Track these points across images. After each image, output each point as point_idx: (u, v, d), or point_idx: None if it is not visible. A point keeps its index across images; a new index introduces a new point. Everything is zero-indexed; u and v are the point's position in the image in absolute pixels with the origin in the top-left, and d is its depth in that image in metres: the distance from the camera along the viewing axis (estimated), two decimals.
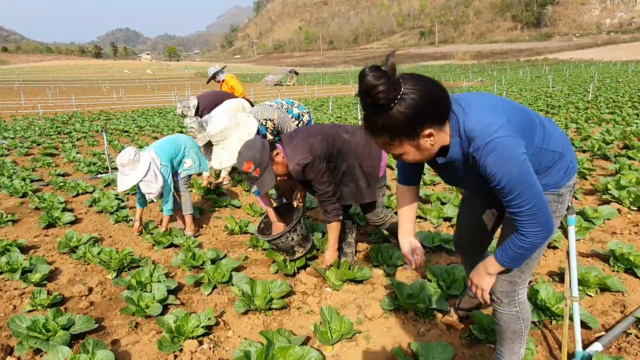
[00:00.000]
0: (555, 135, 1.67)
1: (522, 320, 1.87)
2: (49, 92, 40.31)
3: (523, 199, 1.47)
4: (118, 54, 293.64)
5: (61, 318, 2.64)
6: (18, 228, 4.79)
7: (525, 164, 1.46)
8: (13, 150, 10.52)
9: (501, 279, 1.79)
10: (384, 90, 1.33)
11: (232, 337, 2.57)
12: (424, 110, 1.39)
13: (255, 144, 2.80)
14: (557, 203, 1.72)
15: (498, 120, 1.46)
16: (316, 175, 2.83)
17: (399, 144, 1.48)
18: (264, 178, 2.81)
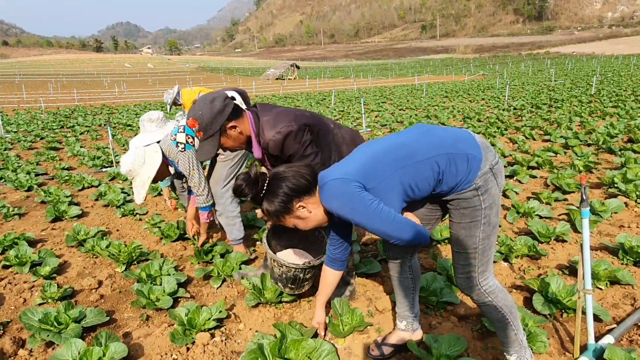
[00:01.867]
0: (430, 144, 1.78)
1: (501, 308, 1.91)
2: (50, 86, 40.27)
3: (372, 227, 1.80)
4: (119, 48, 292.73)
5: (72, 311, 2.64)
6: (25, 222, 4.80)
7: (355, 197, 1.75)
8: (17, 144, 10.53)
9: (458, 277, 1.94)
10: (246, 187, 1.88)
11: (244, 330, 2.58)
12: (288, 194, 1.87)
13: (213, 104, 2.26)
14: (478, 197, 1.78)
15: (335, 171, 1.85)
16: (300, 148, 2.35)
17: (284, 220, 1.96)
18: (203, 146, 2.30)
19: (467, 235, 1.83)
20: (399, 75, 51.64)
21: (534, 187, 5.17)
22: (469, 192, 1.77)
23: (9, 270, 3.50)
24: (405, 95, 21.99)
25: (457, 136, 1.80)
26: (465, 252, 1.86)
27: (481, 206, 1.78)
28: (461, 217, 1.83)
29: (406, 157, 1.77)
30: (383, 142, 1.88)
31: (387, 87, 31.17)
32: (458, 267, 1.93)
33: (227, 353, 2.35)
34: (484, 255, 1.86)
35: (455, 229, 1.87)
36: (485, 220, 1.81)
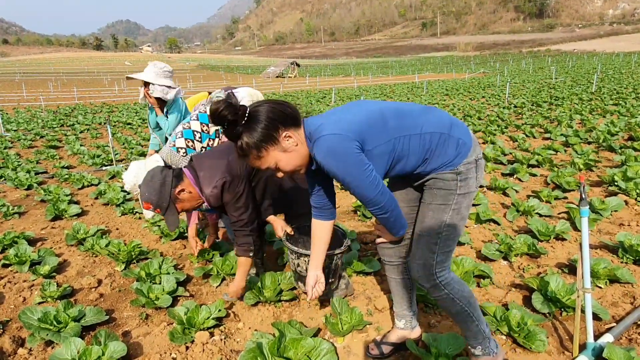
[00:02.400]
0: (430, 120, 1.75)
1: (458, 300, 1.87)
2: (50, 84, 40.25)
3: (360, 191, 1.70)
4: (119, 46, 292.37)
5: (72, 310, 2.65)
6: (24, 220, 4.80)
7: (352, 157, 1.63)
8: (16, 143, 10.52)
9: (415, 262, 1.86)
10: (226, 109, 1.62)
11: (243, 329, 2.58)
12: (272, 117, 1.66)
13: (153, 181, 2.39)
14: (456, 182, 1.75)
15: (328, 122, 1.68)
16: (232, 199, 2.45)
17: (267, 154, 1.70)
18: (168, 218, 2.45)
19: (434, 217, 1.80)
20: (400, 73, 51.58)
21: (534, 186, 5.16)
22: (448, 174, 1.75)
23: (8, 269, 3.50)
24: (406, 93, 21.97)
25: (453, 120, 1.79)
26: (427, 236, 1.81)
27: (456, 191, 1.76)
28: (432, 197, 1.80)
29: (408, 127, 1.72)
30: (386, 105, 1.79)
31: (388, 84, 31.15)
32: (417, 252, 1.86)
33: (226, 352, 2.35)
34: (446, 244, 1.82)
35: (424, 210, 1.84)
36: (456, 207, 1.78)
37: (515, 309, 2.39)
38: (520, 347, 2.26)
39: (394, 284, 2.21)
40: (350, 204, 4.80)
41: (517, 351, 2.24)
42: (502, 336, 2.35)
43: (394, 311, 2.30)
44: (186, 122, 3.14)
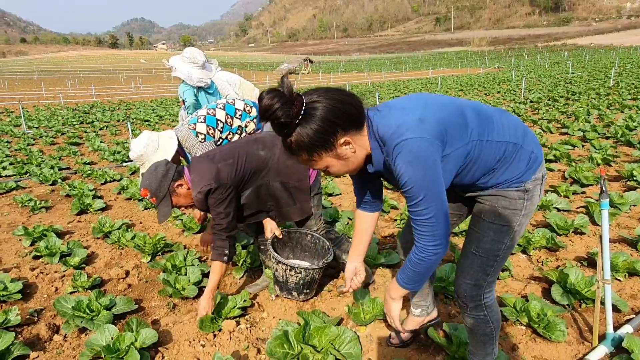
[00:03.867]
0: (506, 125, 1.55)
1: (492, 323, 1.79)
2: (68, 82, 40.90)
3: (425, 207, 1.42)
4: (134, 44, 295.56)
5: (103, 299, 2.76)
6: (51, 214, 4.95)
7: (434, 169, 1.40)
8: (39, 140, 10.78)
9: (465, 282, 1.72)
10: (281, 108, 1.34)
11: (267, 318, 2.66)
12: (332, 120, 1.37)
13: (157, 170, 2.51)
14: (523, 200, 1.57)
15: (409, 121, 1.42)
16: (214, 203, 2.51)
17: (318, 158, 1.46)
18: (160, 208, 2.52)
19: (494, 239, 1.62)
20: (413, 69, 51.29)
21: (552, 181, 5.16)
22: (515, 192, 1.57)
23: (39, 261, 3.64)
24: (420, 89, 21.89)
25: (526, 129, 1.59)
26: (484, 257, 1.65)
27: (521, 212, 1.59)
28: (496, 217, 1.61)
29: (486, 131, 1.50)
30: (463, 102, 1.57)
31: (401, 80, 31.03)
32: (469, 271, 1.70)
33: (252, 340, 2.43)
34: (500, 265, 1.69)
35: (484, 228, 1.64)
36: (518, 228, 1.61)
37: (535, 301, 2.43)
38: (540, 337, 2.30)
39: None
40: None
41: (537, 341, 2.28)
42: (521, 327, 2.40)
43: (410, 299, 2.26)
44: (211, 109, 3.16)
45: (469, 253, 1.69)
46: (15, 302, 2.97)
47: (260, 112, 1.39)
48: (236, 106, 3.18)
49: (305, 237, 2.92)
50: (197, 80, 3.89)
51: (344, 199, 5.01)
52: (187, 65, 3.92)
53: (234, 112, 3.17)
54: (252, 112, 3.22)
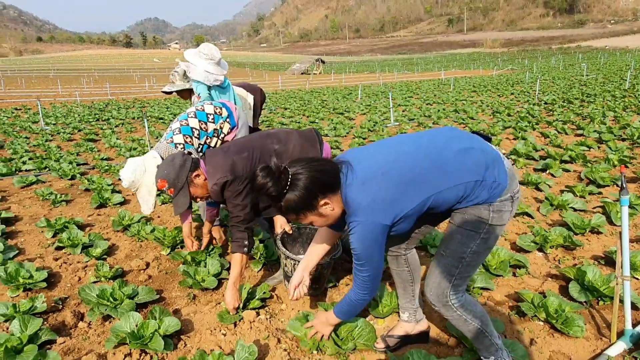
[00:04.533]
0: (467, 165, 1.69)
1: (471, 320, 1.86)
2: (83, 80, 41.43)
3: (365, 268, 1.77)
4: (147, 43, 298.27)
5: (126, 288, 2.83)
6: (71, 208, 5.05)
7: (375, 245, 1.71)
8: (56, 136, 10.95)
9: (430, 282, 1.86)
10: (272, 185, 1.68)
11: (286, 310, 2.71)
12: (312, 188, 1.69)
13: (174, 162, 2.56)
14: (489, 212, 1.71)
15: (363, 202, 1.68)
16: (231, 195, 2.56)
17: (304, 217, 1.79)
18: (178, 199, 2.57)
19: (461, 241, 1.77)
20: (425, 70, 51.12)
21: (567, 181, 5.14)
22: (482, 206, 1.72)
23: (62, 251, 3.73)
24: (432, 90, 21.83)
25: (489, 160, 1.71)
26: (450, 257, 1.80)
27: (488, 222, 1.72)
28: (463, 222, 1.76)
29: (443, 182, 1.68)
30: (418, 154, 1.73)
31: (413, 81, 30.96)
32: (434, 271, 1.85)
33: (272, 330, 2.48)
34: (466, 270, 1.80)
35: (452, 231, 1.80)
36: (486, 236, 1.75)
37: (552, 297, 2.45)
38: (558, 333, 2.32)
39: (395, 275, 2.22)
40: None
41: (554, 336, 2.30)
42: (539, 322, 2.42)
43: (398, 303, 2.31)
44: (183, 119, 3.25)
45: (438, 255, 1.87)
46: (40, 290, 3.05)
47: (256, 189, 1.73)
48: (207, 111, 3.28)
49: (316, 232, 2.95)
50: (213, 80, 3.94)
51: None
52: (204, 61, 3.98)
53: (206, 117, 3.26)
54: (222, 112, 3.32)
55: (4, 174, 6.70)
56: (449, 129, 1.85)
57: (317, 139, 2.88)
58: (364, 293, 1.85)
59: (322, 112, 14.28)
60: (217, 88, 4.09)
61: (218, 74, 3.98)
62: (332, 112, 14.40)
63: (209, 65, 3.96)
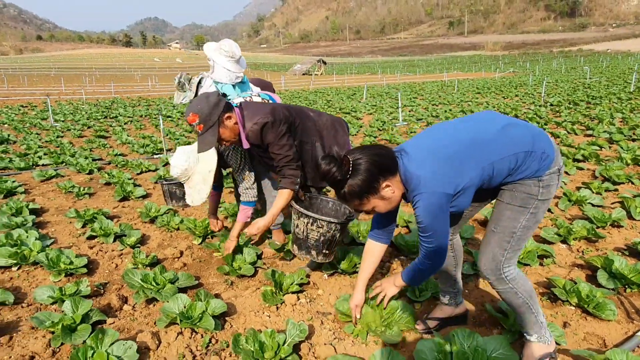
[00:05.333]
0: (514, 139, 1.78)
1: (520, 294, 1.93)
2: (85, 79, 41.51)
3: (431, 240, 1.82)
4: (147, 43, 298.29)
5: (167, 274, 2.92)
6: (95, 200, 5.15)
7: (441, 215, 1.77)
8: (67, 133, 11.04)
9: (484, 256, 1.92)
10: (336, 171, 1.79)
11: (323, 295, 2.80)
12: (374, 172, 1.78)
13: (209, 99, 2.57)
14: (538, 187, 1.79)
15: (424, 175, 1.75)
16: (275, 137, 2.59)
17: (367, 202, 1.86)
18: (205, 136, 2.57)
19: (511, 217, 1.84)
20: (427, 72, 51.29)
21: (582, 179, 5.25)
22: (530, 181, 1.79)
23: (95, 240, 3.82)
24: (436, 91, 21.96)
25: (534, 133, 1.81)
26: (501, 233, 1.87)
27: (537, 197, 1.80)
28: (512, 199, 1.83)
29: (494, 156, 1.76)
30: (467, 136, 1.82)
31: (416, 83, 31.10)
32: (487, 247, 1.92)
33: (313, 312, 2.58)
34: (518, 244, 1.88)
35: (501, 208, 1.88)
36: (534, 211, 1.82)
37: (582, 283, 2.55)
38: (590, 316, 2.42)
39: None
40: None
41: (587, 319, 2.41)
42: (570, 307, 2.52)
43: (439, 288, 2.40)
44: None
45: (489, 232, 1.93)
46: (81, 275, 3.15)
47: (320, 176, 1.84)
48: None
49: (327, 203, 2.97)
50: (235, 78, 3.97)
51: None
52: (224, 58, 3.99)
53: None
54: None
55: (22, 167, 6.80)
56: (490, 112, 1.96)
57: (345, 126, 3.02)
58: (430, 262, 1.90)
59: (329, 111, 14.39)
60: (239, 84, 4.15)
61: (237, 72, 4.00)
62: (339, 111, 14.50)
63: (229, 62, 3.95)
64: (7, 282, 3.07)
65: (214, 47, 4.07)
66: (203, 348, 2.28)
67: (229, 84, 3.95)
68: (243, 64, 4.14)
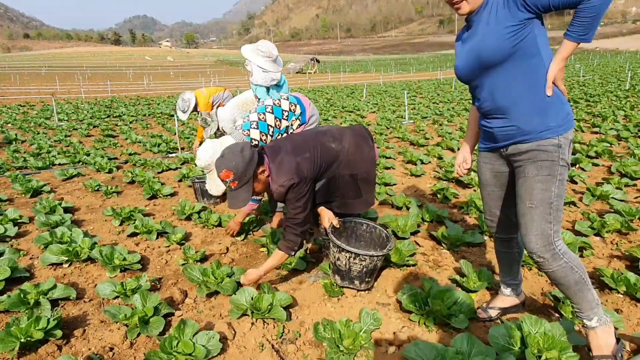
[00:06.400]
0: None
1: (576, 268, 1.91)
2: (78, 77, 41.14)
3: None
4: (136, 41, 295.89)
5: (223, 268, 3.01)
6: (124, 198, 5.20)
7: None
8: (74, 132, 11.02)
9: (533, 235, 1.89)
10: None
11: (378, 286, 2.91)
12: None
13: (243, 153, 2.46)
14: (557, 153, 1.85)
15: None
16: (294, 198, 2.54)
17: None
18: (239, 193, 2.48)
19: (543, 188, 1.85)
20: (419, 70, 51.57)
21: (599, 174, 5.42)
22: (550, 145, 1.84)
23: (138, 237, 3.90)
24: (434, 89, 22.15)
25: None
26: (540, 207, 1.86)
27: (558, 162, 1.84)
28: (538, 170, 1.86)
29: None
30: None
31: (412, 81, 31.29)
32: (532, 225, 1.89)
33: (373, 303, 2.69)
34: (557, 214, 1.88)
35: (530, 184, 1.88)
36: (561, 177, 1.86)
37: (629, 272, 2.69)
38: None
39: (503, 257, 2.38)
40: (428, 188, 5.12)
41: (637, 306, 2.55)
42: (619, 295, 2.66)
43: (500, 280, 2.50)
44: (261, 112, 3.30)
45: (525, 209, 1.91)
46: (135, 271, 3.23)
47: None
48: (282, 107, 3.32)
49: (361, 226, 2.99)
50: (270, 80, 4.03)
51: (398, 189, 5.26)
52: (261, 58, 4.11)
53: (281, 113, 3.30)
54: (296, 110, 3.35)
55: (40, 167, 6.82)
56: None
57: (368, 135, 2.88)
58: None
59: (332, 110, 14.49)
60: (274, 87, 4.23)
61: (274, 72, 4.11)
62: (342, 110, 14.61)
63: (266, 62, 4.06)
64: (62, 279, 3.14)
65: (251, 48, 4.18)
66: (278, 338, 2.38)
67: (264, 86, 4.05)
68: (280, 63, 4.24)
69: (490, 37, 1.84)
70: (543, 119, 1.85)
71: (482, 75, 1.94)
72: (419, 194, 4.99)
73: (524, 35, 1.80)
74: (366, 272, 2.67)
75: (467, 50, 1.97)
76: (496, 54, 1.84)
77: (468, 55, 1.97)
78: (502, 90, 1.90)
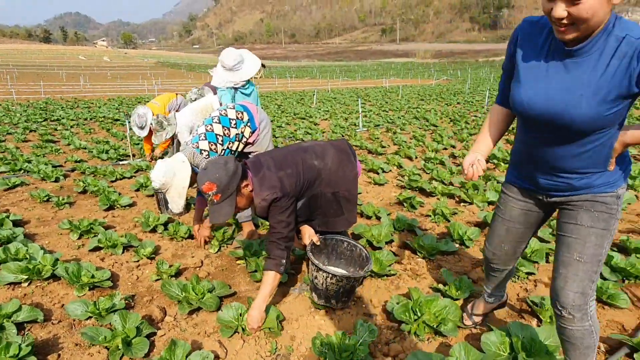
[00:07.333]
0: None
1: (595, 334, 1.79)
2: (7, 76, 38.32)
3: None
4: (68, 39, 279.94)
5: (203, 283, 2.92)
6: (77, 210, 4.90)
7: None
8: (8, 137, 10.25)
9: (573, 291, 1.71)
10: None
11: (363, 298, 2.94)
12: None
13: (227, 166, 2.38)
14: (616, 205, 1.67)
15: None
16: (277, 211, 2.47)
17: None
18: (222, 207, 2.39)
19: (597, 244, 1.68)
20: (364, 78, 52.68)
21: None
22: (609, 197, 1.67)
23: (102, 252, 3.68)
24: (382, 97, 22.69)
25: None
26: (589, 263, 1.68)
27: (616, 216, 1.67)
28: (595, 221, 1.67)
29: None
30: None
31: (359, 88, 31.89)
32: (575, 280, 1.71)
33: (360, 315, 2.71)
34: (599, 271, 1.73)
35: (584, 234, 1.68)
36: (613, 232, 1.70)
37: None
38: (607, 305, 2.76)
39: (498, 274, 2.27)
40: (394, 196, 5.23)
41: (605, 308, 2.74)
42: None
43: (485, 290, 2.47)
44: (209, 124, 3.28)
45: (572, 261, 1.70)
46: (106, 289, 3.05)
47: None
48: (229, 116, 3.31)
49: (342, 244, 2.97)
50: (226, 82, 4.21)
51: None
52: (219, 65, 4.27)
53: (229, 122, 3.29)
54: (243, 117, 3.35)
55: None
56: None
57: (351, 151, 2.83)
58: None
59: (284, 116, 14.46)
60: (240, 91, 4.33)
61: (230, 79, 4.22)
62: (294, 117, 14.61)
63: (221, 69, 4.24)
64: (23, 299, 2.92)
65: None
66: (272, 354, 2.34)
67: (224, 88, 4.18)
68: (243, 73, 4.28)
69: (590, 101, 1.47)
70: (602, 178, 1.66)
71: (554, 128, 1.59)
72: (385, 202, 5.09)
73: (625, 110, 1.52)
74: (343, 292, 2.64)
75: (559, 87, 1.54)
76: (587, 125, 1.51)
77: (557, 94, 1.54)
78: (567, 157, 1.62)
